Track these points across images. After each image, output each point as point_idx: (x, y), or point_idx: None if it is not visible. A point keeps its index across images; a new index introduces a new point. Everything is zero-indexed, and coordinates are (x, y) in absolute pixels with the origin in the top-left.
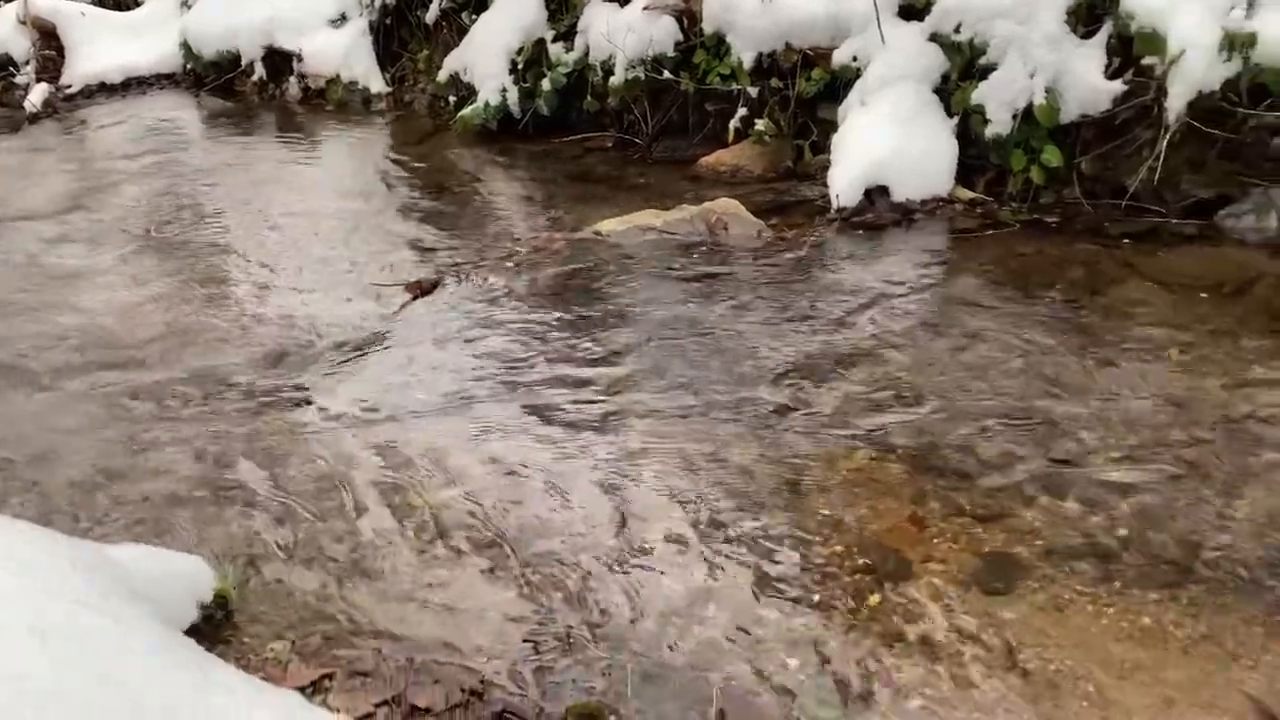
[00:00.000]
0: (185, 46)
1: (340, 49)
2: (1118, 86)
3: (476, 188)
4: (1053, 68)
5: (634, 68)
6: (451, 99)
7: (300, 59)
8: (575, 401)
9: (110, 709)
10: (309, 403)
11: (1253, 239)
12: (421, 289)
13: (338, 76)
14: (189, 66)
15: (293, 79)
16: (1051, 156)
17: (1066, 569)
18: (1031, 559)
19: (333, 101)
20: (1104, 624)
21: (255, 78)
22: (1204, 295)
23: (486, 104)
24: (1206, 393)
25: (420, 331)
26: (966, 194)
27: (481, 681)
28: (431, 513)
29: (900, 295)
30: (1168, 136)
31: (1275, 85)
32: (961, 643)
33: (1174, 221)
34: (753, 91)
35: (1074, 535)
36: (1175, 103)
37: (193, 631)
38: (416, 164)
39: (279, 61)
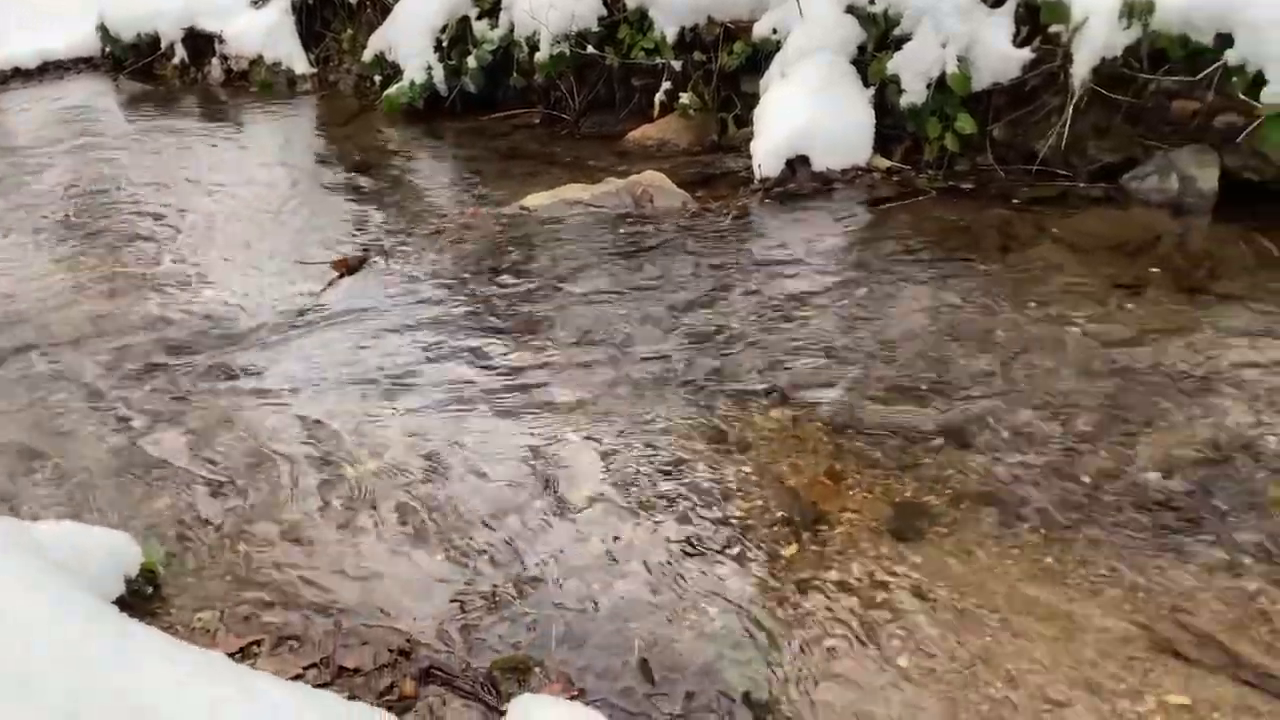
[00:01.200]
0: (103, 30)
1: (263, 30)
2: (1026, 54)
3: (403, 166)
4: (964, 37)
5: (559, 43)
6: (377, 78)
7: (222, 40)
8: (503, 371)
9: (36, 675)
10: (235, 380)
11: (1156, 199)
12: (348, 266)
13: (261, 58)
14: (107, 50)
15: (215, 61)
16: (965, 124)
17: (975, 515)
18: (941, 506)
19: (257, 83)
20: (1009, 564)
21: (176, 60)
22: (1110, 255)
23: (412, 83)
24: (1110, 346)
25: (347, 308)
26: (884, 163)
27: (409, 641)
28: (358, 484)
29: (821, 261)
30: (1074, 102)
31: (1173, 50)
32: (874, 586)
33: (1082, 185)
34: (676, 65)
35: (982, 483)
36: (1080, 69)
37: (120, 605)
38: (343, 144)
39: (200, 43)
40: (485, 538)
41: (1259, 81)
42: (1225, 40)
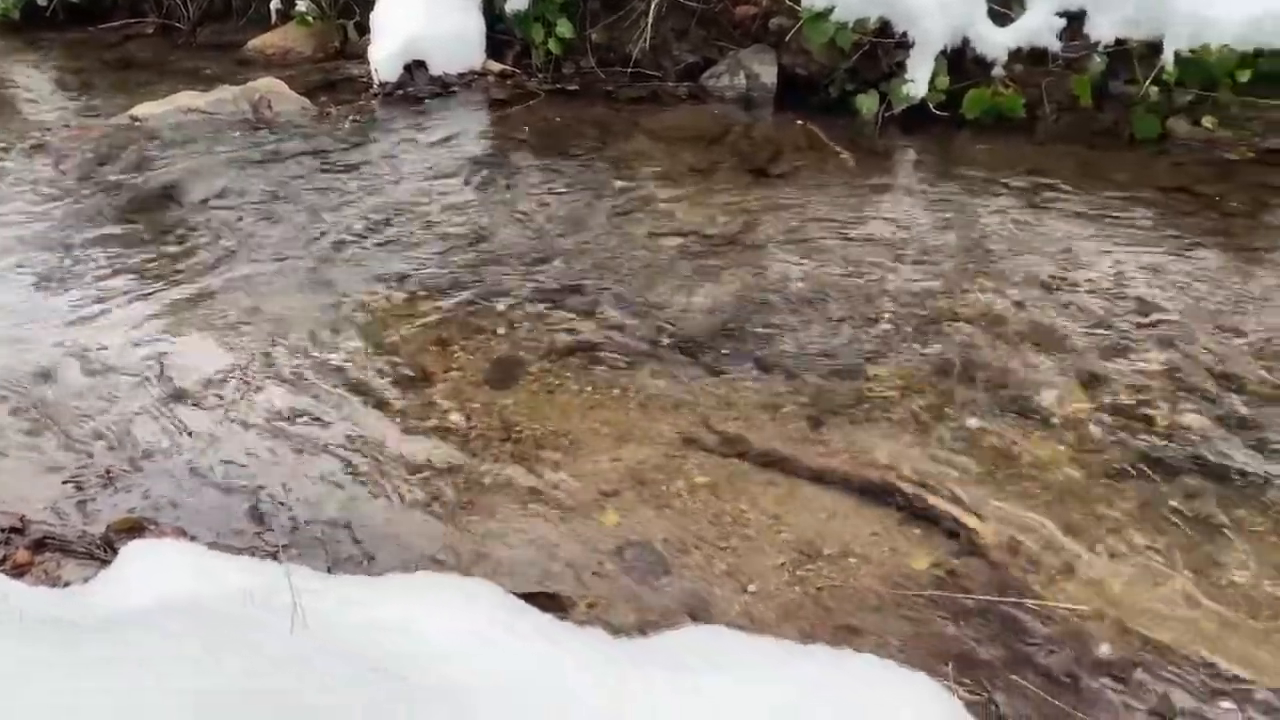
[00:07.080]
0: None
1: None
2: None
3: None
4: None
5: None
6: None
7: None
8: (120, 275)
9: None
10: None
11: (729, 95)
12: None
13: None
14: None
15: None
16: (565, 29)
17: (559, 363)
18: (531, 358)
19: None
20: (583, 398)
21: None
22: (690, 144)
23: None
24: (685, 219)
25: None
26: (497, 67)
27: (22, 520)
28: None
29: (437, 160)
30: (654, 8)
31: None
32: (469, 425)
33: (670, 84)
34: None
35: (567, 336)
36: None
37: None
38: None
39: None
40: (100, 427)
41: None
42: None
